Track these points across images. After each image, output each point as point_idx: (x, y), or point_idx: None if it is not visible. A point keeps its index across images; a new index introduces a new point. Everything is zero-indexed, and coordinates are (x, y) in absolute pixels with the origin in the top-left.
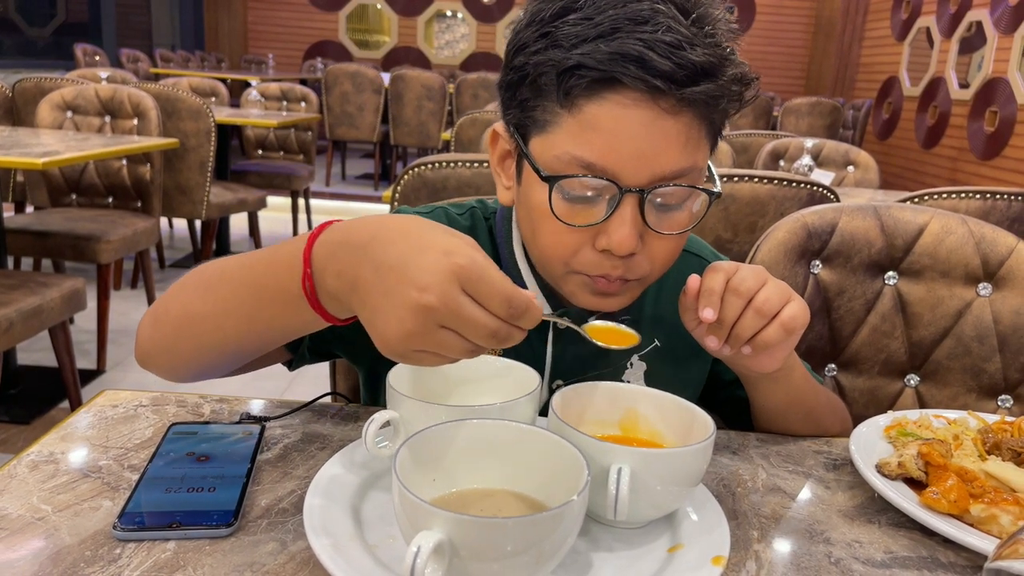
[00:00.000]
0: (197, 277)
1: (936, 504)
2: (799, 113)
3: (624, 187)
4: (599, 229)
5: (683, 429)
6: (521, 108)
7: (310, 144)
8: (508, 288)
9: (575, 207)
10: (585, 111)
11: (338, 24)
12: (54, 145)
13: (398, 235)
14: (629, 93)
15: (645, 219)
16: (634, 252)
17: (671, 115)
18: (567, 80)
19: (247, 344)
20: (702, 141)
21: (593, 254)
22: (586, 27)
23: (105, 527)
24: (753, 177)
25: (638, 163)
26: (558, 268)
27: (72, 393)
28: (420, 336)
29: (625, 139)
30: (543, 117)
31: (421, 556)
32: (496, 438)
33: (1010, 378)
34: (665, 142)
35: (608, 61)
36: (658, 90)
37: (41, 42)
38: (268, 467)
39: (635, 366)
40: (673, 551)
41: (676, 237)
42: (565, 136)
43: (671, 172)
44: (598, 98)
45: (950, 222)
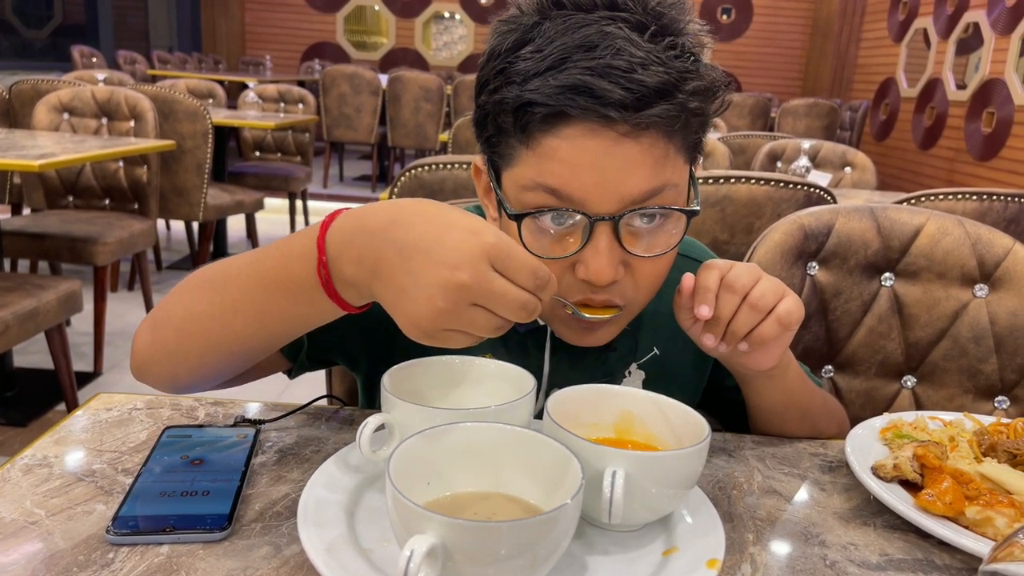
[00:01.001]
0: (198, 279)
1: (931, 506)
2: (796, 114)
3: (593, 216)
4: (577, 259)
5: (678, 432)
6: (489, 144)
7: (307, 146)
8: (533, 261)
9: (549, 239)
10: (543, 144)
11: (336, 25)
12: (50, 147)
13: (419, 217)
14: (583, 123)
15: (623, 245)
16: (615, 280)
17: (631, 139)
18: (522, 117)
19: (257, 342)
20: (672, 158)
21: (575, 281)
22: (537, 60)
23: (98, 531)
24: (750, 178)
25: (603, 190)
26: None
27: (68, 396)
28: (452, 315)
29: (586, 168)
30: (507, 152)
31: (414, 560)
32: (490, 441)
33: (1007, 379)
34: (628, 166)
35: (557, 95)
36: (611, 118)
37: (38, 44)
38: (263, 470)
39: (633, 375)
40: (668, 554)
41: (660, 260)
42: (527, 168)
43: (640, 194)
44: (553, 131)
45: (946, 223)
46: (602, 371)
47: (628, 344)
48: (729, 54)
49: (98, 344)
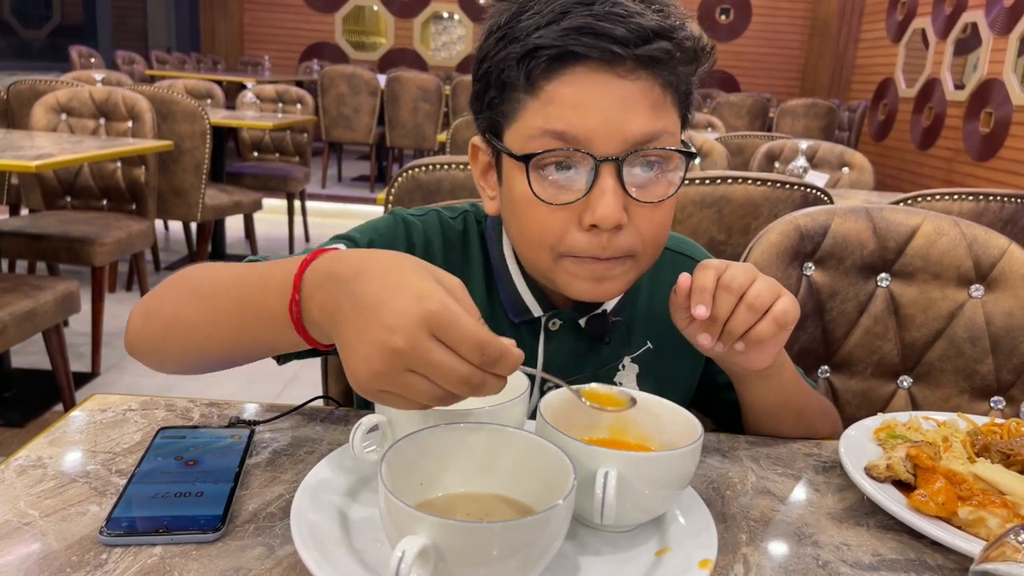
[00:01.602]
0: (188, 281)
1: (924, 507)
2: (795, 115)
3: (599, 157)
4: (583, 206)
5: (672, 432)
6: (491, 108)
7: (306, 146)
8: (481, 334)
9: (556, 188)
10: (547, 90)
11: (334, 26)
12: (48, 147)
13: (379, 273)
14: (586, 64)
15: (626, 189)
16: (620, 224)
17: (630, 79)
18: (527, 65)
19: (234, 354)
20: (668, 107)
21: (580, 234)
22: (538, 18)
23: (92, 532)
24: (747, 179)
25: (607, 130)
26: (546, 257)
27: (66, 396)
28: (386, 377)
29: (589, 108)
30: (511, 108)
31: (405, 561)
32: (483, 442)
33: (1002, 379)
34: (629, 105)
35: (561, 37)
36: (613, 55)
37: (36, 44)
38: (257, 471)
39: (627, 368)
40: (661, 554)
41: (660, 209)
42: (532, 116)
43: (641, 135)
44: (557, 76)
45: (942, 224)
46: (596, 363)
47: (622, 337)
48: (727, 54)
49: (96, 345)
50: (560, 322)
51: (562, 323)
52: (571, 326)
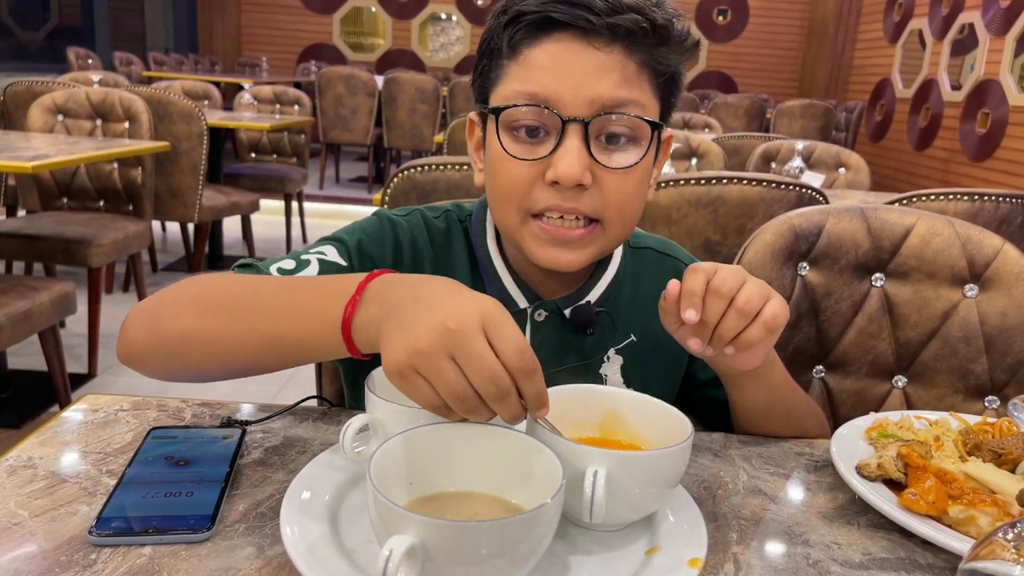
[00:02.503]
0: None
1: (914, 505)
2: (792, 115)
3: (566, 116)
4: (548, 163)
5: (663, 431)
6: (482, 76)
7: (303, 147)
8: (524, 341)
9: (524, 145)
10: (526, 55)
11: (332, 27)
12: (44, 148)
13: (444, 283)
14: (563, 32)
15: (591, 152)
16: (582, 183)
17: (603, 49)
18: (511, 32)
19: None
20: (643, 84)
21: (544, 189)
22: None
23: (81, 532)
24: (742, 179)
25: (576, 92)
26: (514, 216)
27: (62, 397)
28: (426, 357)
29: (562, 71)
30: (496, 74)
31: (393, 560)
32: (473, 441)
33: (996, 379)
34: (600, 71)
35: (541, 5)
36: (587, 22)
37: (34, 46)
38: (248, 471)
39: (612, 360)
40: (650, 553)
41: (628, 178)
42: (510, 80)
43: (610, 101)
44: (536, 43)
45: (936, 224)
46: (580, 353)
47: (607, 328)
48: (725, 55)
49: (92, 346)
50: (545, 313)
51: (547, 314)
52: (556, 317)
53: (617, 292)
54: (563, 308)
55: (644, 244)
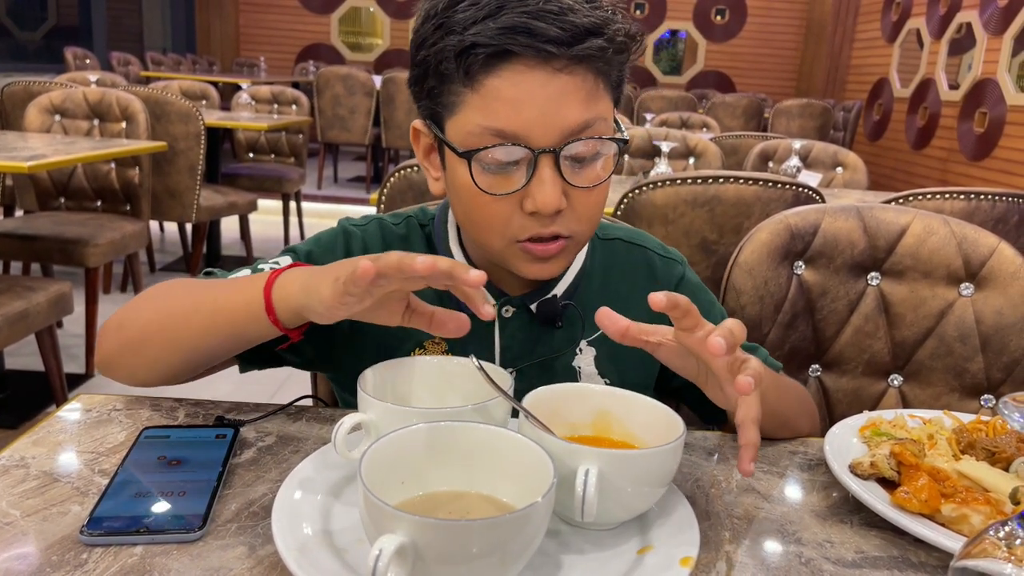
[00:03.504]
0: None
1: (907, 504)
2: (790, 115)
3: (537, 149)
4: (523, 194)
5: (655, 430)
6: (430, 97)
7: (301, 147)
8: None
9: (497, 178)
10: (486, 85)
11: (330, 27)
12: (41, 148)
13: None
14: (523, 61)
15: (563, 176)
16: (560, 209)
17: (566, 73)
18: (465, 60)
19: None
20: (601, 93)
21: (524, 218)
22: (475, 11)
23: (73, 532)
24: (739, 178)
25: (544, 122)
26: (497, 241)
27: (59, 397)
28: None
29: (527, 102)
30: (450, 100)
31: (383, 559)
32: (465, 440)
33: (992, 378)
34: (565, 98)
35: (498, 36)
36: (549, 54)
37: (32, 46)
38: (241, 470)
39: (584, 352)
40: (643, 552)
41: (597, 191)
42: (473, 112)
43: (577, 125)
44: (495, 71)
45: (932, 222)
46: (552, 347)
47: (575, 321)
48: (723, 55)
49: (89, 346)
50: (513, 309)
51: (515, 309)
52: (524, 312)
53: (587, 284)
54: (529, 303)
55: (613, 235)
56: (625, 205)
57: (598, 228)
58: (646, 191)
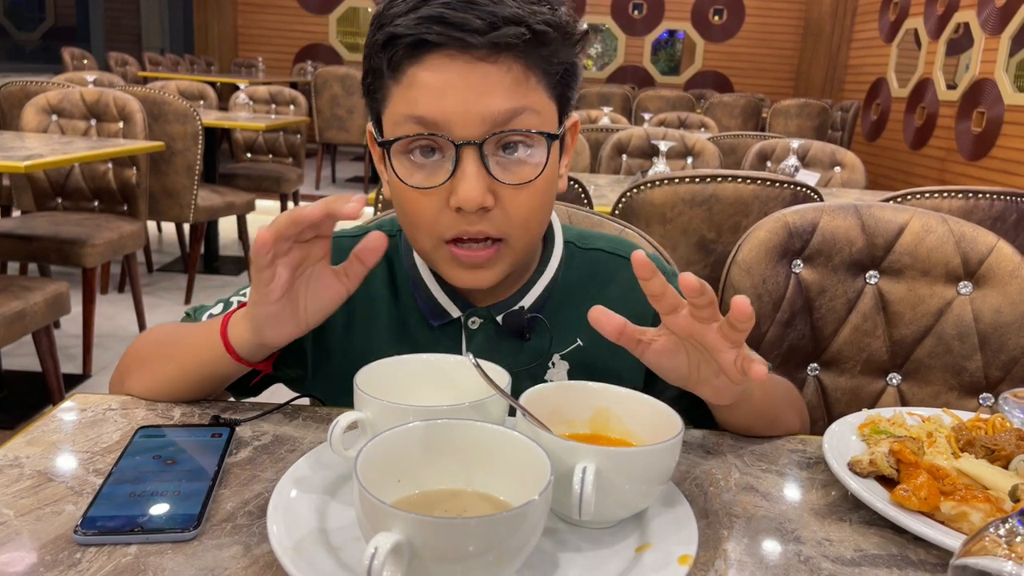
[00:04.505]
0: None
1: (906, 501)
2: (788, 115)
3: (459, 141)
4: (449, 189)
5: (653, 428)
6: (370, 96)
7: (299, 147)
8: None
9: (423, 173)
10: (408, 74)
11: (328, 27)
12: (38, 148)
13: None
14: (444, 51)
15: (490, 171)
16: (485, 206)
17: (487, 62)
18: (389, 51)
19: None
20: (532, 87)
21: (450, 216)
22: (403, 6)
23: (67, 532)
24: (737, 177)
25: (464, 112)
26: (427, 241)
27: (56, 398)
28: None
29: (447, 91)
30: (381, 95)
31: (378, 557)
32: (462, 438)
33: (991, 376)
34: (486, 86)
35: (415, 25)
36: (466, 43)
37: (29, 46)
38: (236, 470)
39: (557, 366)
40: (641, 551)
41: (528, 190)
42: (397, 102)
43: (500, 114)
44: (417, 62)
45: (930, 221)
46: (522, 360)
47: (544, 333)
48: (721, 55)
49: (87, 346)
50: (479, 320)
51: (481, 321)
52: (490, 324)
53: (561, 295)
54: (496, 315)
55: (593, 245)
56: (623, 204)
57: (578, 237)
58: (644, 190)
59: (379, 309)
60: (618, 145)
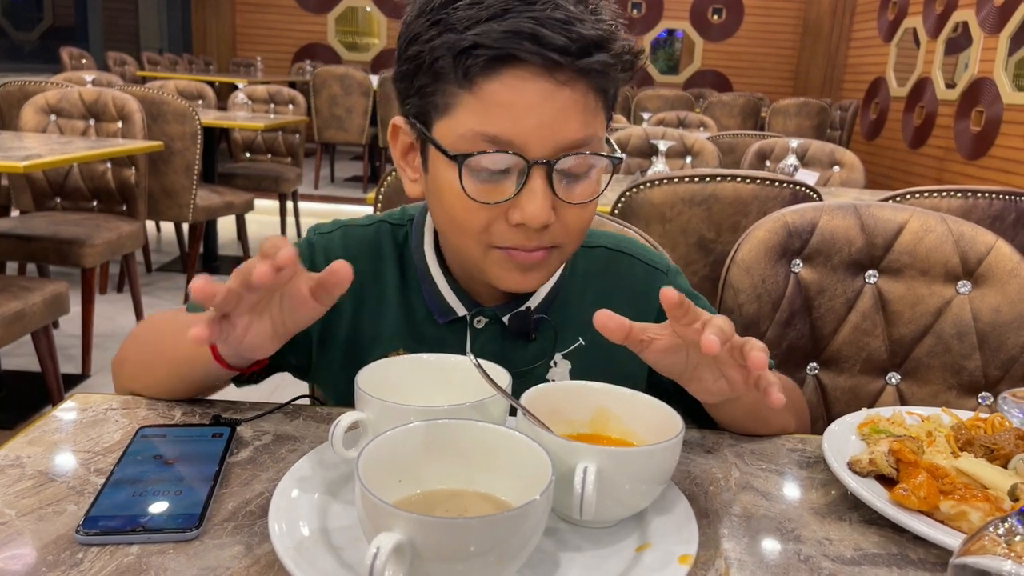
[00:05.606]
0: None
1: (906, 501)
2: (787, 114)
3: (531, 160)
4: (511, 204)
5: (654, 428)
6: (420, 95)
7: (298, 147)
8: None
9: (486, 185)
10: (485, 88)
11: (327, 26)
12: (36, 148)
13: None
14: (526, 68)
15: (554, 190)
16: (548, 224)
17: (568, 86)
18: (464, 61)
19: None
20: (598, 112)
21: (507, 228)
22: (477, 10)
23: (68, 531)
24: (736, 177)
25: (541, 134)
26: (476, 248)
27: (55, 398)
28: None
29: (525, 111)
30: (443, 100)
31: (380, 557)
32: (463, 438)
33: (990, 375)
34: (564, 113)
35: (503, 39)
36: (554, 63)
37: (28, 46)
38: (237, 469)
39: (559, 364)
40: (641, 550)
41: (586, 206)
42: (467, 114)
43: (573, 142)
44: (496, 75)
45: (929, 220)
46: (525, 359)
47: (548, 334)
48: (720, 54)
49: (86, 347)
50: (485, 319)
51: (487, 320)
52: (496, 324)
53: (566, 295)
54: (502, 315)
55: (596, 243)
56: (622, 204)
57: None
58: (643, 190)
59: (388, 298)
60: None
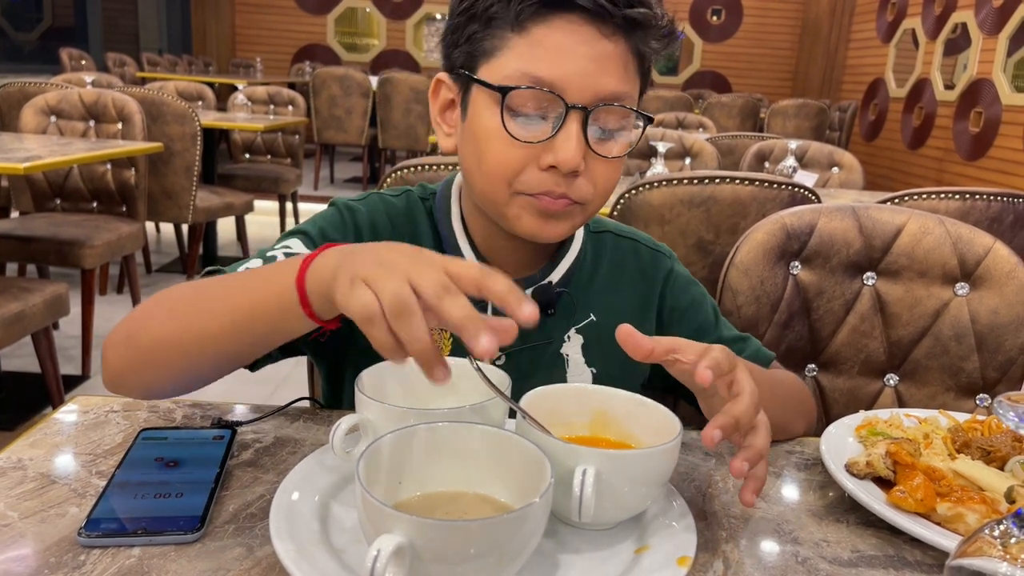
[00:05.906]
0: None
1: (903, 503)
2: (786, 115)
3: (570, 103)
4: (544, 148)
5: (652, 430)
6: (469, 43)
7: (297, 147)
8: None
9: (523, 126)
10: (533, 32)
11: (326, 27)
12: (37, 150)
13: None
14: (575, 14)
15: (587, 139)
16: (578, 171)
17: (611, 39)
18: (518, 5)
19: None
20: (635, 74)
21: (537, 173)
22: None
23: (71, 534)
24: (735, 178)
25: (582, 80)
26: (502, 192)
27: (55, 400)
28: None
29: (570, 56)
30: (492, 44)
31: (380, 559)
32: (462, 441)
33: (988, 377)
34: (606, 63)
35: None
36: (602, 11)
37: (27, 47)
38: (238, 472)
39: (572, 339)
40: (640, 552)
41: (614, 163)
42: (514, 56)
43: (611, 94)
44: (546, 21)
45: (927, 222)
46: (543, 333)
47: (567, 309)
48: (719, 55)
49: (86, 347)
50: None
51: None
52: None
53: (578, 271)
54: (525, 288)
55: (603, 228)
56: (621, 205)
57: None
58: (642, 191)
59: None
60: None
